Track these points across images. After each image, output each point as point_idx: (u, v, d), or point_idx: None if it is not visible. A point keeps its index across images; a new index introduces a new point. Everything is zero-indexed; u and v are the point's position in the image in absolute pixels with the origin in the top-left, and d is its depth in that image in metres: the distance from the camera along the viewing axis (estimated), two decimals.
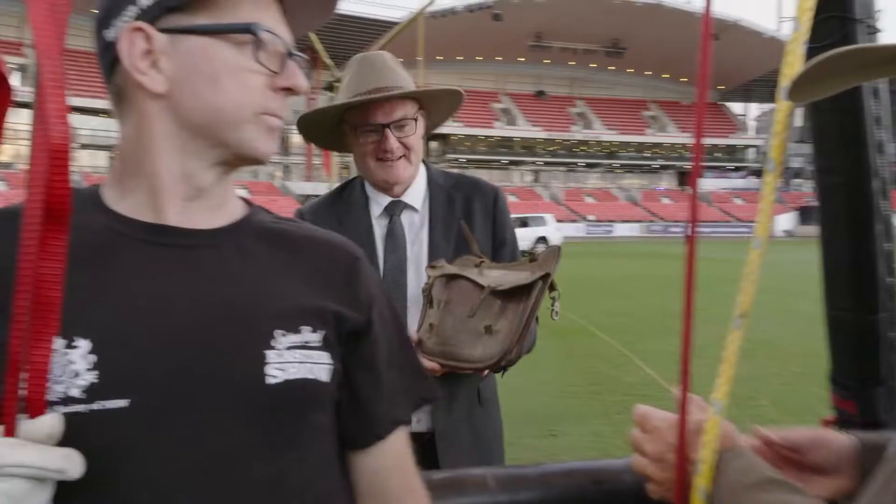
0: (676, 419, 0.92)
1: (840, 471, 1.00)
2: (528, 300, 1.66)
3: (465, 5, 55.90)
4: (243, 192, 1.11)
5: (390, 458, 1.02)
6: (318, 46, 5.42)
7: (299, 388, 0.86)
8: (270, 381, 0.84)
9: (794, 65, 0.74)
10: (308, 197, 46.04)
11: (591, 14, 57.45)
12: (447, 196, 1.91)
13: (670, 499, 0.93)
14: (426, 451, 1.75)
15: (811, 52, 1.54)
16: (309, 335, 0.89)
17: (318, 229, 1.03)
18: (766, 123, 69.94)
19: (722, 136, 71.53)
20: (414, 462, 1.05)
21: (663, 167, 70.05)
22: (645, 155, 70.83)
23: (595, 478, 1.30)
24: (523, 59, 68.44)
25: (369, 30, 51.52)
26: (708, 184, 65.69)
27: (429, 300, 1.77)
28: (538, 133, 67.36)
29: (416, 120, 1.82)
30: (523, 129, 68.14)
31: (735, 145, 72.13)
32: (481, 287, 1.71)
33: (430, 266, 1.81)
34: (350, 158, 1.99)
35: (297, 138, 61.74)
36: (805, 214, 49.74)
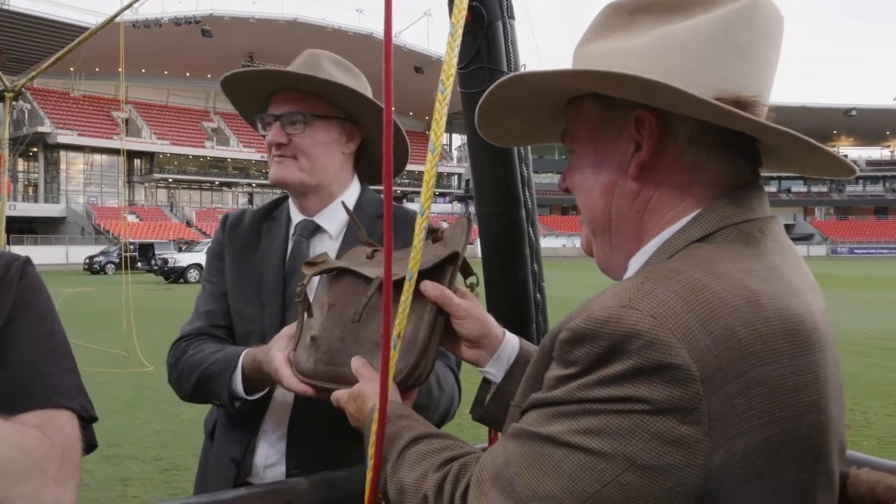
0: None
1: (483, 347, 1.23)
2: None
3: (171, 17, 52.98)
4: None
5: None
6: None
7: None
8: None
9: (439, 122, 0.88)
10: None
11: (304, 39, 57.93)
12: (369, 225, 1.61)
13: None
14: None
15: (467, 97, 1.73)
16: None
17: None
18: (466, 153, 76.47)
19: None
20: None
21: (377, 192, 73.03)
22: None
23: None
24: None
25: (56, 33, 46.42)
26: (418, 207, 69.53)
27: (305, 306, 1.35)
28: (252, 154, 65.96)
29: (306, 118, 1.63)
30: (236, 151, 66.25)
31: (441, 173, 77.49)
32: (368, 280, 1.29)
33: (308, 263, 1.41)
34: (35, 176, 1.73)
35: None
36: None
